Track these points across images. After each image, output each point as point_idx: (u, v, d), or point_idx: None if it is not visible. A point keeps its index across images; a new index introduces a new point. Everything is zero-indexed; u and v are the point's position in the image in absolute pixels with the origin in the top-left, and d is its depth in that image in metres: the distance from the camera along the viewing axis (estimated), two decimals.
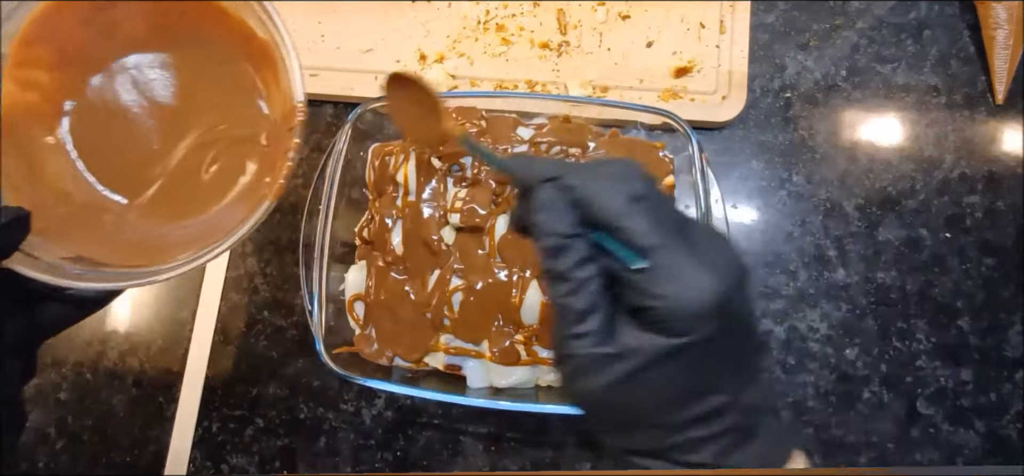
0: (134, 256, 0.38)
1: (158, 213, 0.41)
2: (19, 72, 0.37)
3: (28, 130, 0.38)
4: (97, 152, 0.40)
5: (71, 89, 0.39)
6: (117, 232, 0.39)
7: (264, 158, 0.41)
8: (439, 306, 0.49)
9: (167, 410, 0.56)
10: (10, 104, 0.37)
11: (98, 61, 0.40)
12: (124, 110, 0.40)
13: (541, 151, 0.50)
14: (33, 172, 0.38)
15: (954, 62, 0.58)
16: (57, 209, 0.37)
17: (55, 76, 0.39)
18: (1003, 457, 0.51)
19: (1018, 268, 0.54)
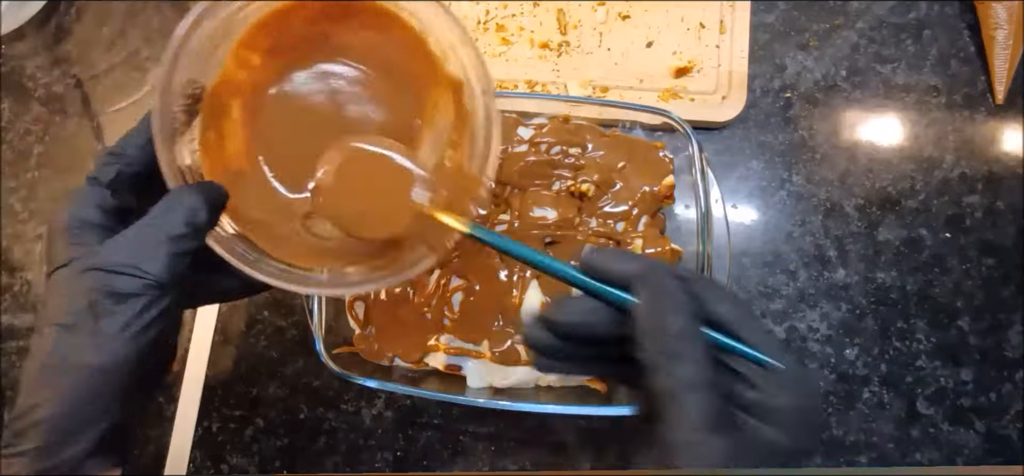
0: (285, 250, 0.38)
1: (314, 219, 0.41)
2: (242, 51, 0.38)
3: (228, 104, 0.39)
4: (275, 142, 0.41)
5: (275, 77, 0.40)
6: (276, 222, 0.40)
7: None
8: (439, 306, 0.49)
9: (167, 410, 0.56)
10: (224, 77, 0.38)
11: (306, 59, 0.41)
12: (311, 109, 0.41)
13: (541, 151, 0.50)
14: (221, 146, 0.39)
15: (954, 62, 0.58)
16: (232, 186, 0.37)
17: (266, 61, 0.40)
18: (1003, 457, 0.51)
19: (1018, 268, 0.54)
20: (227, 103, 0.39)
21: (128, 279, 0.31)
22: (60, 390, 0.31)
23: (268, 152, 0.41)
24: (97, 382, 0.31)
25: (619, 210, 0.50)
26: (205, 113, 0.37)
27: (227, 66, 0.38)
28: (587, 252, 0.30)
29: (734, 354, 0.27)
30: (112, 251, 0.32)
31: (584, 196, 0.50)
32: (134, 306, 0.31)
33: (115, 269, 0.31)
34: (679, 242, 0.50)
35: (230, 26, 0.37)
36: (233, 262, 0.35)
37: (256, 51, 0.39)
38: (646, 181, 0.50)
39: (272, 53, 0.40)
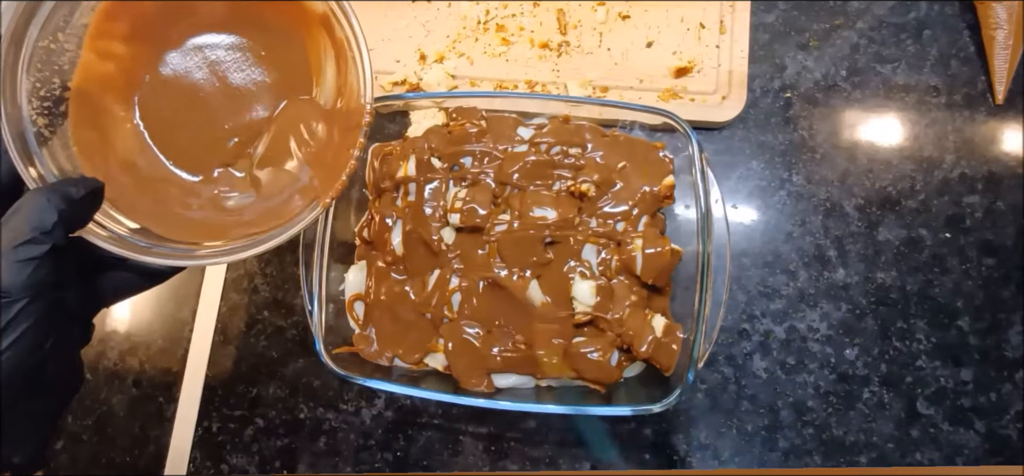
0: (196, 233, 0.38)
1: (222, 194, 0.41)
2: (98, 42, 0.38)
3: (102, 100, 0.39)
4: (166, 128, 0.41)
5: (146, 63, 0.40)
6: (181, 208, 0.40)
7: (322, 152, 0.41)
8: (439, 306, 0.49)
9: (167, 410, 0.56)
10: (87, 74, 0.37)
11: (174, 38, 0.40)
12: (195, 88, 0.41)
13: (541, 151, 0.50)
14: (104, 142, 0.38)
15: (954, 62, 0.58)
16: (125, 180, 0.37)
17: (132, 49, 0.39)
18: (1003, 457, 0.51)
19: (1018, 268, 0.54)
20: (100, 98, 0.38)
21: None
22: None
23: (162, 139, 0.40)
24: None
25: (619, 210, 0.49)
26: (75, 113, 0.37)
27: (86, 60, 0.37)
28: None
29: None
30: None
31: (584, 196, 0.50)
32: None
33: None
34: (679, 242, 0.50)
35: (68, 20, 0.36)
36: (119, 252, 0.34)
37: (114, 39, 0.38)
38: (646, 181, 0.50)
39: (134, 39, 0.39)
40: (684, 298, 0.49)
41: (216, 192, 0.41)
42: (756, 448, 0.52)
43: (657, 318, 0.48)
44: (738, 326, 0.54)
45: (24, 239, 0.31)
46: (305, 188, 0.40)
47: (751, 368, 0.54)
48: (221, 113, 0.41)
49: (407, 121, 0.54)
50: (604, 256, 0.49)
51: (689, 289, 0.48)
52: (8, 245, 0.30)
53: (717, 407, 0.53)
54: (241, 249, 0.37)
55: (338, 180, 0.38)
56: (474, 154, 0.51)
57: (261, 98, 0.42)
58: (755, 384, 0.53)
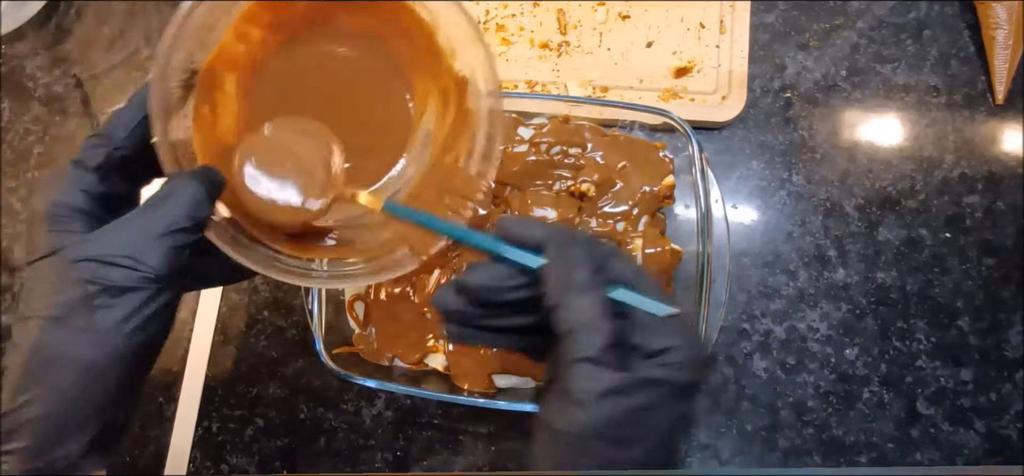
0: (277, 237, 0.37)
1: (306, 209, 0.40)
2: (242, 24, 0.37)
3: (222, 76, 0.38)
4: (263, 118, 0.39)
5: (273, 54, 0.39)
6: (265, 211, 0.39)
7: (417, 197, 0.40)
8: None
9: (167, 410, 0.56)
10: (221, 51, 0.37)
11: (306, 39, 0.40)
12: (306, 90, 0.40)
13: (541, 151, 0.50)
14: (214, 120, 0.38)
15: (954, 62, 0.58)
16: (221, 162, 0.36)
17: (267, 36, 0.38)
18: (1003, 457, 0.51)
19: (1018, 268, 0.54)
20: (222, 77, 0.38)
21: (125, 272, 0.30)
22: (52, 386, 0.29)
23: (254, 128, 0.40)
24: (91, 379, 0.30)
25: (619, 210, 0.50)
26: (200, 87, 0.36)
27: (226, 39, 0.37)
28: (500, 219, 0.32)
29: (631, 308, 0.30)
30: (107, 241, 0.30)
31: (584, 196, 0.50)
32: (132, 301, 0.30)
33: (111, 260, 0.30)
34: (679, 242, 0.50)
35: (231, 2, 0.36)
36: (226, 250, 0.33)
37: (257, 25, 0.38)
38: (646, 181, 0.50)
39: (273, 29, 0.38)
40: (684, 298, 0.49)
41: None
42: (756, 448, 0.52)
43: None
44: (738, 326, 0.54)
45: (180, 226, 0.31)
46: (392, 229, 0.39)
47: (751, 368, 0.54)
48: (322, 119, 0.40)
49: None
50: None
51: (689, 289, 0.48)
52: (163, 230, 0.30)
53: (717, 407, 0.53)
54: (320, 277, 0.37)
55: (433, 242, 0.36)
56: None
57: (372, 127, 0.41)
58: (755, 384, 0.53)
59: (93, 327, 0.29)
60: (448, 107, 0.40)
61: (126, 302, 0.30)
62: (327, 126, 0.37)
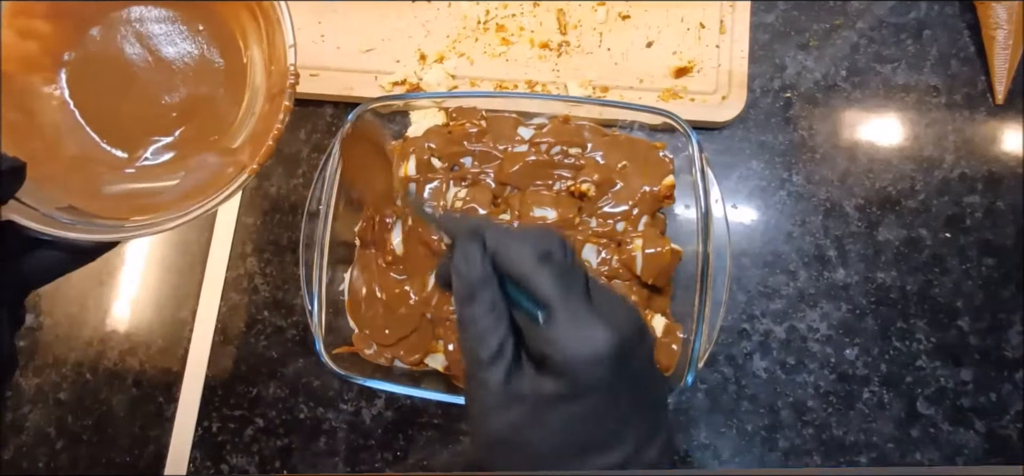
0: (127, 210, 0.38)
1: (153, 169, 0.41)
2: (17, 21, 0.37)
3: (26, 80, 0.38)
4: (95, 104, 0.40)
5: (70, 40, 0.39)
6: (111, 185, 0.39)
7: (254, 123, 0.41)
8: (439, 306, 0.49)
9: (167, 410, 0.56)
10: (9, 54, 0.37)
11: (97, 13, 0.40)
12: (126, 63, 0.40)
13: (541, 151, 0.50)
14: (30, 122, 0.38)
15: (954, 62, 0.58)
16: (52, 159, 0.37)
17: (54, 26, 0.39)
18: (1003, 457, 0.51)
19: (1018, 268, 0.54)
20: (25, 79, 0.38)
21: None
22: None
23: (91, 115, 0.40)
24: None
25: (619, 210, 0.50)
26: (4, 95, 0.36)
27: (7, 41, 0.37)
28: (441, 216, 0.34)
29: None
30: None
31: (584, 196, 0.50)
32: None
33: None
34: (679, 242, 0.50)
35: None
36: (46, 231, 0.33)
37: (35, 17, 0.38)
38: (646, 181, 0.50)
39: (55, 16, 0.38)
40: (684, 298, 0.49)
41: (146, 167, 0.41)
42: (756, 448, 0.52)
43: (657, 318, 0.48)
44: (738, 326, 0.54)
45: None
46: (235, 160, 0.40)
47: (751, 368, 0.54)
48: (153, 87, 0.40)
49: (407, 121, 0.54)
50: (604, 256, 0.49)
51: (689, 289, 0.48)
52: None
53: (717, 407, 0.53)
54: (167, 220, 0.37)
55: (264, 147, 0.37)
56: (474, 154, 0.51)
57: (194, 71, 0.41)
58: (755, 384, 0.53)
59: None
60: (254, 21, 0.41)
61: None
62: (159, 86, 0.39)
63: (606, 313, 0.30)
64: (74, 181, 0.38)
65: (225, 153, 0.41)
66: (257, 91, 0.42)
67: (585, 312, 0.29)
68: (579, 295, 0.30)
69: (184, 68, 0.41)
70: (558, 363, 0.28)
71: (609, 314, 0.30)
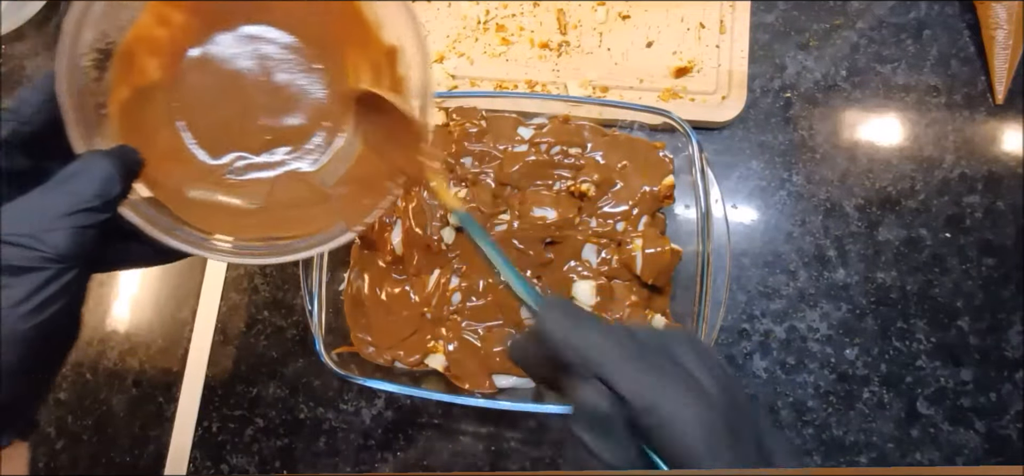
0: (211, 222, 0.37)
1: (237, 184, 0.40)
2: (160, 7, 0.37)
3: (146, 63, 0.38)
4: (197, 105, 0.40)
5: (196, 36, 0.39)
6: (194, 188, 0.39)
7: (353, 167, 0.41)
8: (439, 306, 0.49)
9: (167, 410, 0.56)
10: (140, 34, 0.36)
11: (230, 19, 0.40)
12: (235, 74, 0.40)
13: (541, 151, 0.50)
14: (137, 107, 0.38)
15: (954, 62, 0.58)
16: (146, 146, 0.36)
17: (188, 19, 0.38)
18: (1003, 457, 0.51)
19: (1018, 268, 0.54)
20: (144, 61, 0.38)
21: (25, 252, 0.29)
22: None
23: (189, 116, 0.40)
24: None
25: (619, 210, 0.50)
26: (117, 70, 0.36)
27: (143, 21, 0.36)
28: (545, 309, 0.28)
29: None
30: (8, 219, 0.29)
31: (584, 196, 0.50)
32: (32, 281, 0.29)
33: (10, 240, 0.29)
34: (679, 242, 0.50)
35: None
36: (150, 232, 0.33)
37: (177, 8, 0.38)
38: (646, 181, 0.50)
39: (194, 11, 0.38)
40: (684, 298, 0.49)
41: (231, 182, 0.40)
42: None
43: (657, 318, 0.48)
44: (738, 326, 0.54)
45: (87, 206, 0.30)
46: (324, 201, 0.39)
47: (751, 368, 0.54)
48: (254, 105, 0.40)
49: None
50: (604, 256, 0.49)
51: (689, 289, 0.48)
52: (69, 209, 0.29)
53: None
54: (253, 253, 0.36)
55: (368, 211, 0.37)
56: (474, 154, 0.51)
57: (298, 101, 0.41)
58: (755, 384, 0.53)
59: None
60: (381, 79, 0.40)
61: (25, 282, 0.29)
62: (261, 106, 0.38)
63: None
64: (161, 174, 0.37)
65: (314, 191, 0.40)
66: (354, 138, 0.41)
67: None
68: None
69: (289, 96, 0.41)
70: None
71: None
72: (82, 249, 0.30)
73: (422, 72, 0.37)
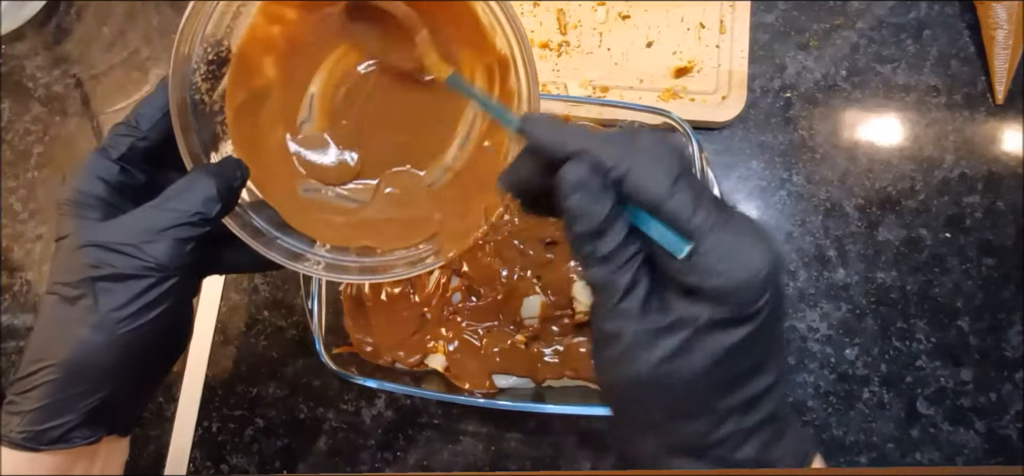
0: (307, 222, 0.38)
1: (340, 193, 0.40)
2: (273, 5, 0.37)
3: (259, 62, 0.38)
4: (331, 98, 0.39)
5: (309, 30, 0.38)
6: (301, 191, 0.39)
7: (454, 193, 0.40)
8: (439, 306, 0.49)
9: (167, 410, 0.56)
10: (254, 35, 0.36)
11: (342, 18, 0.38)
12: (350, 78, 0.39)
13: None
14: (251, 109, 0.38)
15: (954, 62, 0.58)
16: (260, 152, 0.37)
17: (302, 15, 0.38)
18: (1003, 457, 0.51)
19: (1018, 268, 0.54)
20: (259, 60, 0.37)
21: (127, 259, 0.32)
22: (55, 359, 0.32)
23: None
24: (90, 357, 0.32)
25: None
26: (233, 74, 0.36)
27: (256, 22, 0.36)
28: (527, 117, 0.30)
29: None
30: (114, 229, 0.32)
31: None
32: (132, 288, 0.32)
33: (114, 247, 0.32)
34: None
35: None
36: (249, 242, 0.35)
37: (290, 4, 0.37)
38: None
39: (308, 9, 0.38)
40: None
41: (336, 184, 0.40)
42: None
43: None
44: None
45: (185, 221, 0.32)
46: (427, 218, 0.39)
47: None
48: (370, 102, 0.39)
49: None
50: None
51: None
52: (170, 224, 0.32)
53: None
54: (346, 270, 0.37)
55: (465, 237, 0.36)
56: None
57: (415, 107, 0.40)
58: None
59: (93, 308, 0.32)
60: (493, 87, 0.39)
61: (126, 288, 0.32)
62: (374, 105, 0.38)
63: (750, 230, 0.27)
64: (266, 178, 0.37)
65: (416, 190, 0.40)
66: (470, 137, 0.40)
67: (733, 233, 0.26)
68: (718, 212, 0.27)
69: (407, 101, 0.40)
70: (717, 289, 0.26)
71: (753, 229, 0.27)
72: (181, 259, 0.33)
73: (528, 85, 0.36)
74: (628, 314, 0.27)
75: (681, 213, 0.26)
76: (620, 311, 0.27)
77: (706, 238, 0.26)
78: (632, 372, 0.27)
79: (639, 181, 0.26)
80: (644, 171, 0.26)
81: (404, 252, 0.39)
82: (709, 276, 0.26)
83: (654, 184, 0.26)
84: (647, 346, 0.26)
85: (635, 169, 0.26)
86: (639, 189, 0.26)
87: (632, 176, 0.26)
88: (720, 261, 0.26)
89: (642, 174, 0.26)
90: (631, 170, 0.26)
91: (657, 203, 0.26)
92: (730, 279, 0.26)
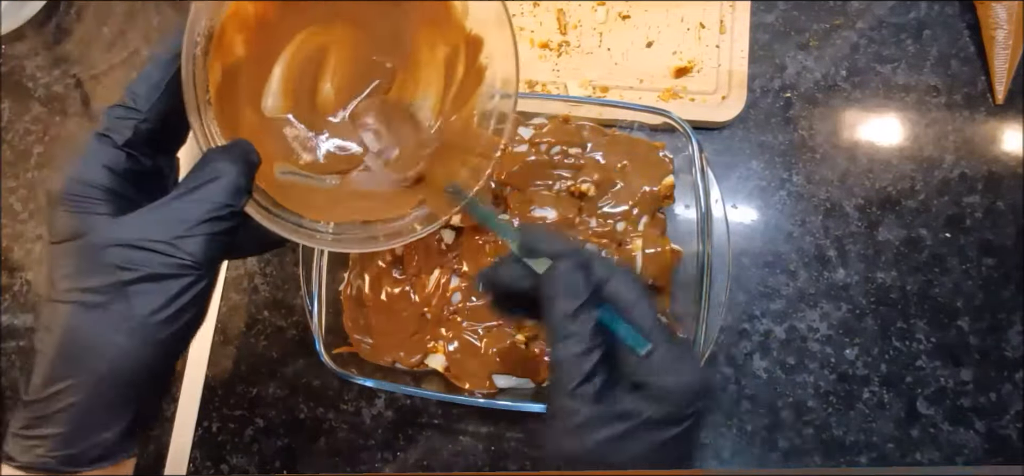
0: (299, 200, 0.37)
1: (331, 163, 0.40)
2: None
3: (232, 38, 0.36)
4: (296, 79, 0.38)
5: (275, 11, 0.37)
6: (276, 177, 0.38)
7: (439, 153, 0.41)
8: (439, 306, 0.49)
9: (167, 410, 0.56)
10: (232, 11, 0.35)
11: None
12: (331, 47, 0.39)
13: (541, 151, 0.50)
14: (234, 82, 0.36)
15: (954, 62, 0.58)
16: (245, 119, 0.35)
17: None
18: (1003, 457, 0.51)
19: (1018, 268, 0.54)
20: (232, 39, 0.36)
21: (161, 258, 0.29)
22: (86, 374, 0.29)
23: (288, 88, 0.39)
24: (126, 367, 0.29)
25: (619, 210, 0.50)
26: (212, 52, 0.34)
27: (234, 8, 0.35)
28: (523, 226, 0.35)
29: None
30: (139, 225, 0.29)
31: (584, 196, 0.50)
32: (169, 288, 0.29)
33: (146, 246, 0.29)
34: (679, 242, 0.50)
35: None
36: (264, 223, 0.33)
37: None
38: (646, 181, 0.50)
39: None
40: (684, 298, 0.49)
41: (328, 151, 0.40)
42: (756, 448, 0.52)
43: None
44: (738, 326, 0.54)
45: (220, 213, 0.30)
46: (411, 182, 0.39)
47: (751, 368, 0.54)
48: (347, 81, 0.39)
49: None
50: (604, 255, 0.49)
51: (689, 289, 0.48)
52: (203, 217, 0.29)
53: (717, 407, 0.53)
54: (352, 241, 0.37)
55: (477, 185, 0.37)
56: None
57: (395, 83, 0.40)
58: (755, 384, 0.53)
59: (128, 314, 0.29)
60: (457, 66, 0.39)
61: (163, 289, 0.29)
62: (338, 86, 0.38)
63: (689, 349, 0.34)
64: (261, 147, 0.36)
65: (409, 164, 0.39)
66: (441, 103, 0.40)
67: (679, 348, 0.32)
68: (668, 331, 0.32)
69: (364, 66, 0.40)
70: (662, 389, 0.30)
71: (691, 351, 0.34)
72: (215, 254, 0.30)
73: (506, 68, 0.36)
74: (584, 397, 0.31)
75: (645, 320, 0.32)
76: (578, 394, 0.31)
77: (660, 346, 0.31)
78: (578, 446, 0.31)
79: (619, 286, 0.32)
80: (622, 281, 0.33)
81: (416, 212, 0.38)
82: (659, 375, 0.31)
83: (628, 293, 0.32)
84: (595, 428, 0.30)
85: (616, 278, 0.33)
86: (618, 292, 0.32)
87: (614, 282, 0.33)
88: (668, 366, 0.31)
89: (621, 283, 0.33)
90: (613, 278, 0.33)
91: (630, 306, 0.32)
92: (676, 382, 0.31)
